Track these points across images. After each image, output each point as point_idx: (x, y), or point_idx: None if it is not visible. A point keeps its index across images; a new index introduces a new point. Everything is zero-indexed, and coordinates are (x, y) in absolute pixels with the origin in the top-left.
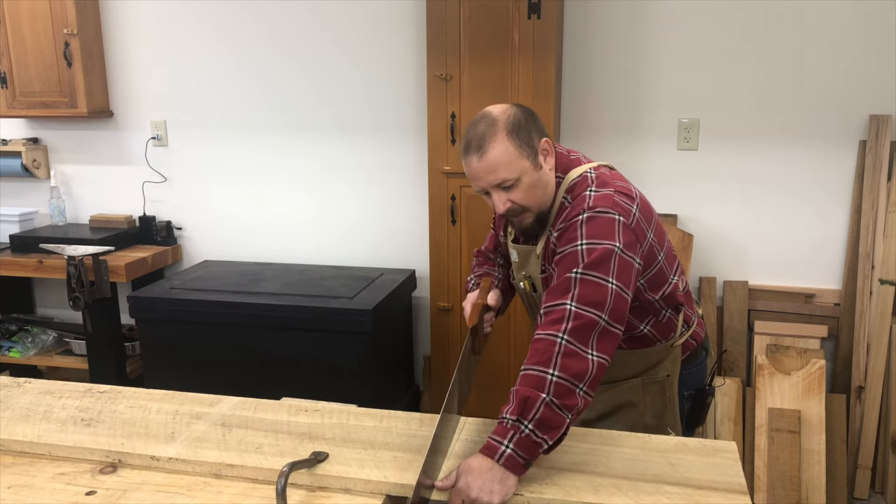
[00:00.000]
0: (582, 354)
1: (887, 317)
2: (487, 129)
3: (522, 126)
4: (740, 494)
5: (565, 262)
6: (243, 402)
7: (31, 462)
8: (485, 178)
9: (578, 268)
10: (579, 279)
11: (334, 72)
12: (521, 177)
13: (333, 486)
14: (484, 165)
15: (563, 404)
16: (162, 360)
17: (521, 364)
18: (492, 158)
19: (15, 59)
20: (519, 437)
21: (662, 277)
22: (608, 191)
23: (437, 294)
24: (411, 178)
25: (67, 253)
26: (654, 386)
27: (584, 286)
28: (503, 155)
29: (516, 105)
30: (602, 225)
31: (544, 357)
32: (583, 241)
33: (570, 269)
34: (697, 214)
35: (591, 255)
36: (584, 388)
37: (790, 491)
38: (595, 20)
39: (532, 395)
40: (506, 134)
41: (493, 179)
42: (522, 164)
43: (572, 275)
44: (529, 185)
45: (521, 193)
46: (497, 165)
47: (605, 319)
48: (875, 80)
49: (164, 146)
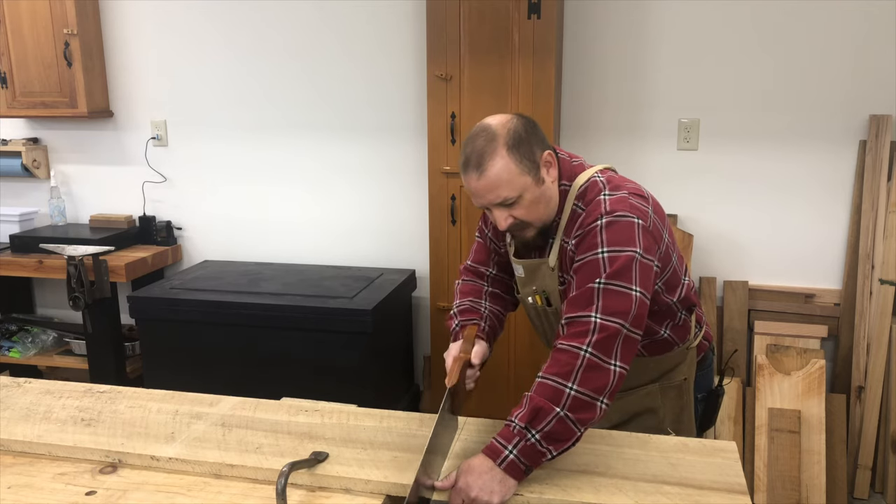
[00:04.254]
0: (604, 366)
1: (887, 317)
2: (487, 144)
3: (523, 140)
4: (740, 494)
5: (586, 271)
6: (243, 402)
7: (32, 462)
8: (485, 196)
9: (601, 278)
10: (602, 290)
11: (334, 71)
12: (523, 194)
13: (333, 486)
14: (484, 184)
15: (577, 418)
16: (162, 360)
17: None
18: (492, 177)
19: (15, 59)
20: (524, 445)
21: (676, 278)
22: (623, 193)
23: (437, 294)
24: (411, 178)
25: (67, 253)
26: (672, 390)
27: (609, 297)
28: (503, 172)
29: (517, 116)
30: (622, 230)
31: (565, 369)
32: (604, 249)
33: (592, 278)
34: (697, 214)
35: (613, 265)
36: (604, 400)
37: (790, 491)
38: (595, 20)
39: (546, 407)
40: (506, 150)
41: (494, 198)
42: (524, 181)
43: (595, 285)
44: (531, 202)
45: (522, 210)
46: (497, 184)
47: (628, 327)
48: (875, 80)
49: (164, 146)
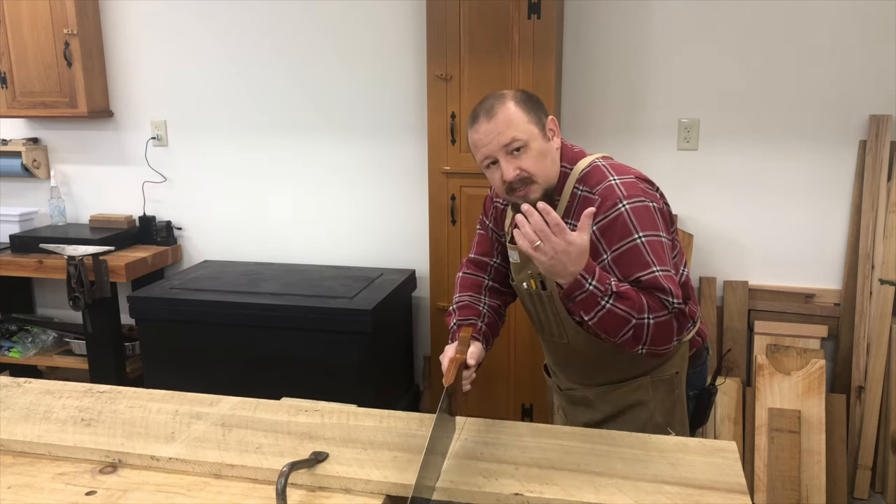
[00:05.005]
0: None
1: (887, 317)
2: (496, 99)
3: (530, 100)
4: (740, 494)
5: (632, 257)
6: (243, 402)
7: (32, 462)
8: (494, 139)
9: (656, 266)
10: (663, 276)
11: (334, 71)
12: (530, 142)
13: (333, 486)
14: (493, 126)
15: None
16: (162, 360)
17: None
18: (501, 119)
19: (15, 59)
20: (595, 291)
21: (678, 265)
22: (630, 178)
23: (437, 294)
24: (411, 178)
25: (67, 253)
26: (664, 384)
27: (669, 280)
28: (513, 116)
29: (522, 90)
30: (646, 215)
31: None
32: (640, 234)
33: (645, 267)
34: (697, 214)
35: (654, 249)
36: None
37: (790, 491)
38: (595, 20)
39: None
40: (514, 102)
41: (503, 139)
42: (531, 130)
43: (657, 272)
44: (539, 153)
45: (530, 160)
46: (507, 125)
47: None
48: (875, 80)
49: (164, 146)
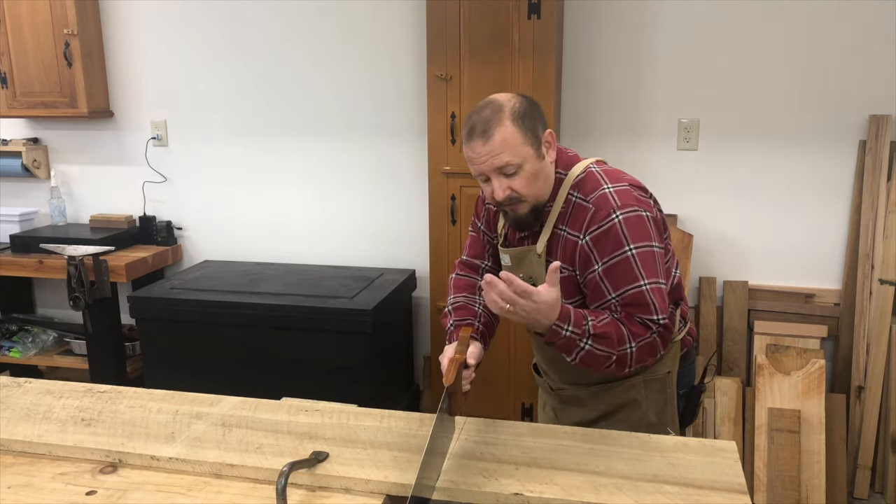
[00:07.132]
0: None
1: (887, 317)
2: (493, 114)
3: (528, 114)
4: (740, 494)
5: (621, 270)
6: (243, 402)
7: (32, 462)
8: (487, 160)
9: (644, 280)
10: (650, 289)
11: (335, 71)
12: (524, 164)
13: (333, 485)
14: (488, 148)
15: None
16: (162, 360)
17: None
18: (497, 141)
19: (15, 59)
20: (573, 335)
21: (670, 269)
22: (624, 186)
23: (437, 294)
24: (411, 179)
25: (67, 253)
26: (656, 383)
27: (655, 294)
28: (509, 138)
29: (521, 95)
30: (639, 226)
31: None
32: (630, 247)
33: (633, 280)
34: (697, 214)
35: (644, 262)
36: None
37: (790, 491)
38: (595, 20)
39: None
40: (511, 120)
41: (497, 162)
42: (526, 151)
43: (644, 287)
44: (531, 174)
45: (522, 181)
46: (501, 148)
47: None
48: (875, 80)
49: (164, 146)
